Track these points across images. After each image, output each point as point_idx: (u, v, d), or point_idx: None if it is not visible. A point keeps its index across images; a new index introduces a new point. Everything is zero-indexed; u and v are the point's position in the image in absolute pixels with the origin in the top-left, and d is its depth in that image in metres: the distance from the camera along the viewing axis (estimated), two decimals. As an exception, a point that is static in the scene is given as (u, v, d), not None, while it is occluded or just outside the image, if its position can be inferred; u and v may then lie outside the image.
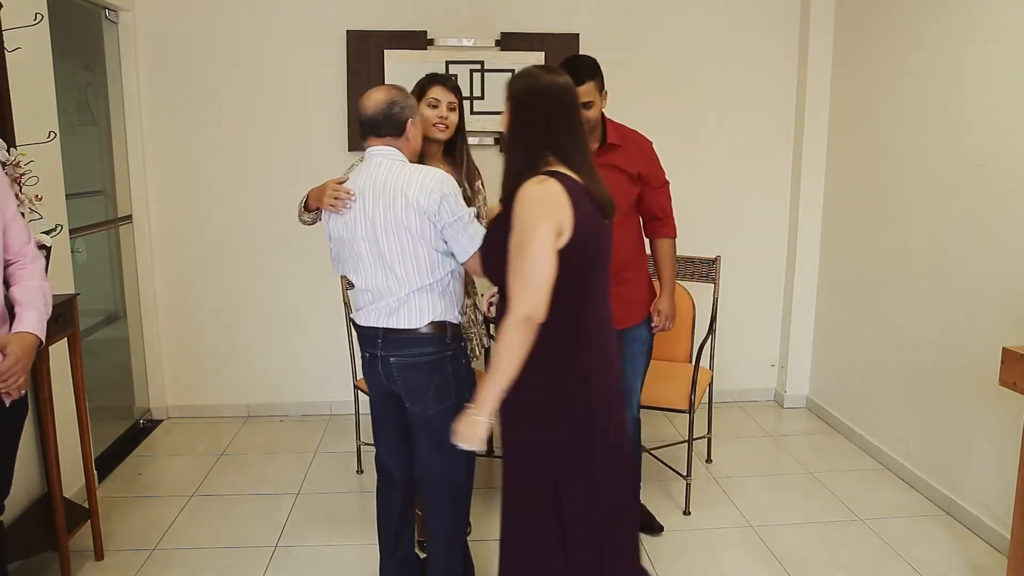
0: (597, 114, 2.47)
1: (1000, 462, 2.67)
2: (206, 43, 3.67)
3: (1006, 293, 2.65)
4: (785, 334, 4.13)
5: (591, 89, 2.40)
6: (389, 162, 2.03)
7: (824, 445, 3.64)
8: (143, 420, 3.85)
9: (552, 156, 1.75)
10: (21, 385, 1.87)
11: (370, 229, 2.01)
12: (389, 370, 2.09)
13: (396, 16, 3.71)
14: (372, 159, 2.06)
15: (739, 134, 3.97)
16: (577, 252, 1.70)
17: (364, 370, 2.22)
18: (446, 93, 2.35)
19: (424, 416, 2.10)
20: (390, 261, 2.01)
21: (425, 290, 2.04)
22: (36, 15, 2.53)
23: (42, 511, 2.53)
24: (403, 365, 2.07)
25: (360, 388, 3.06)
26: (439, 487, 2.17)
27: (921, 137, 3.12)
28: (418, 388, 2.09)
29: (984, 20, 2.77)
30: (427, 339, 2.05)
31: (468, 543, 2.33)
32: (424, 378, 2.07)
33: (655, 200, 2.62)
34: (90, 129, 3.49)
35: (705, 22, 3.86)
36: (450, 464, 2.14)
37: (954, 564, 2.62)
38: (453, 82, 2.41)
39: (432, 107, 2.34)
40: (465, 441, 1.72)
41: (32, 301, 1.89)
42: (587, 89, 2.37)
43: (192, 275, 3.84)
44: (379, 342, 2.08)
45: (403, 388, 2.10)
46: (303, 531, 2.78)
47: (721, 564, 2.62)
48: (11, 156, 2.18)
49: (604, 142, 2.54)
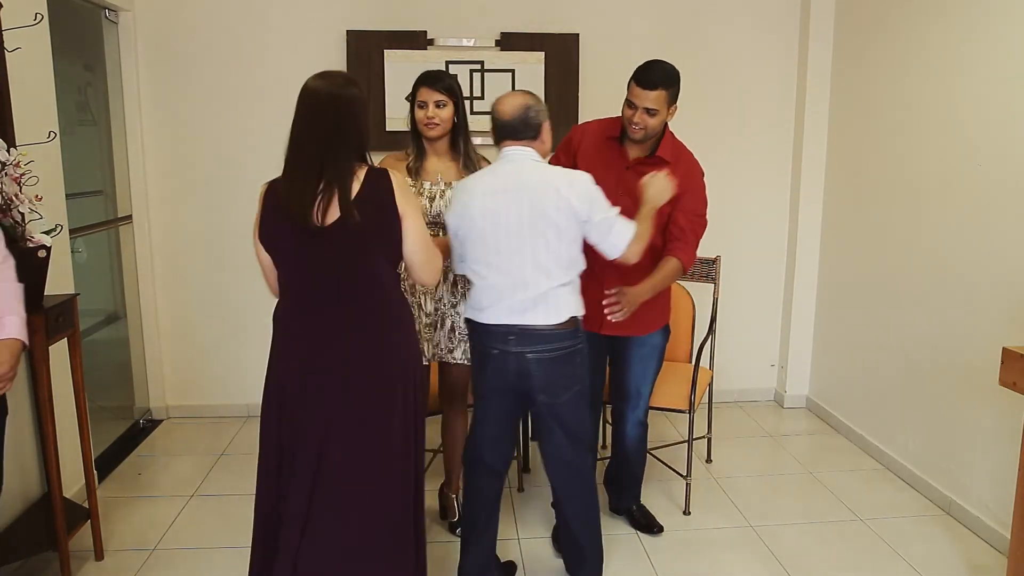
0: (658, 124, 2.41)
1: (1000, 462, 2.67)
2: (206, 43, 3.67)
3: (1006, 293, 2.65)
4: (785, 334, 4.13)
5: (659, 98, 2.35)
6: (532, 162, 2.17)
7: (824, 445, 3.64)
8: (143, 420, 3.85)
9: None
10: (3, 385, 1.93)
11: (515, 224, 2.09)
12: (525, 365, 2.17)
13: (396, 16, 3.71)
14: (512, 158, 2.17)
15: (739, 134, 3.97)
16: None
17: (476, 367, 2.28)
18: (431, 93, 2.38)
19: (555, 406, 2.22)
20: (535, 256, 2.10)
21: (566, 286, 2.16)
22: (36, 15, 2.53)
23: (42, 511, 2.53)
24: (542, 360, 2.17)
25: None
26: (572, 470, 2.31)
27: (921, 138, 3.12)
28: (555, 380, 2.20)
29: (984, 20, 2.77)
30: (565, 334, 2.18)
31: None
32: (561, 371, 2.20)
33: (686, 225, 2.48)
34: (90, 129, 3.49)
35: (705, 22, 3.86)
36: (577, 448, 2.29)
37: (954, 564, 2.62)
38: (445, 81, 2.42)
39: (420, 108, 2.40)
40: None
41: (12, 305, 1.92)
42: (655, 96, 2.34)
43: (192, 275, 3.84)
44: (511, 339, 2.16)
45: (539, 382, 2.19)
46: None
47: (721, 564, 2.62)
48: (11, 156, 2.18)
49: (653, 152, 2.50)
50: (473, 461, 2.35)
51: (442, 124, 2.39)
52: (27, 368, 2.51)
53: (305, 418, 1.89)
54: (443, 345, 2.55)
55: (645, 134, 2.41)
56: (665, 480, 3.19)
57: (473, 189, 2.17)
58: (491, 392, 2.27)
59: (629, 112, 2.41)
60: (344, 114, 1.83)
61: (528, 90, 2.27)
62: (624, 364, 2.68)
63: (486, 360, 2.23)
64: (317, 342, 1.90)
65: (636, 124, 2.39)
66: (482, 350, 2.24)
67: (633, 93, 2.39)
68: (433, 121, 2.37)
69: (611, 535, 2.75)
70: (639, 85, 2.38)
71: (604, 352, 2.69)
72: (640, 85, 2.38)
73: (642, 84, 2.37)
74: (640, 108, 2.37)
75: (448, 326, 2.54)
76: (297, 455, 1.89)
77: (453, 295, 2.53)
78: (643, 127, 2.39)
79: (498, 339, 2.18)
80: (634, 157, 2.51)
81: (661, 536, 2.79)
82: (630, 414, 2.71)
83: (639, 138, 2.43)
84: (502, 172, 2.16)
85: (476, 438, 2.34)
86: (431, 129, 2.39)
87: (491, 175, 2.18)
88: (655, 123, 2.39)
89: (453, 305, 2.53)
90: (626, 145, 2.52)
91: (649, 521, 2.84)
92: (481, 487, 2.35)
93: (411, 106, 2.45)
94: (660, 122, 2.41)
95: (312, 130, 1.83)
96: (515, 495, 3.08)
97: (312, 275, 1.88)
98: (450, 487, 2.81)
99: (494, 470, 2.34)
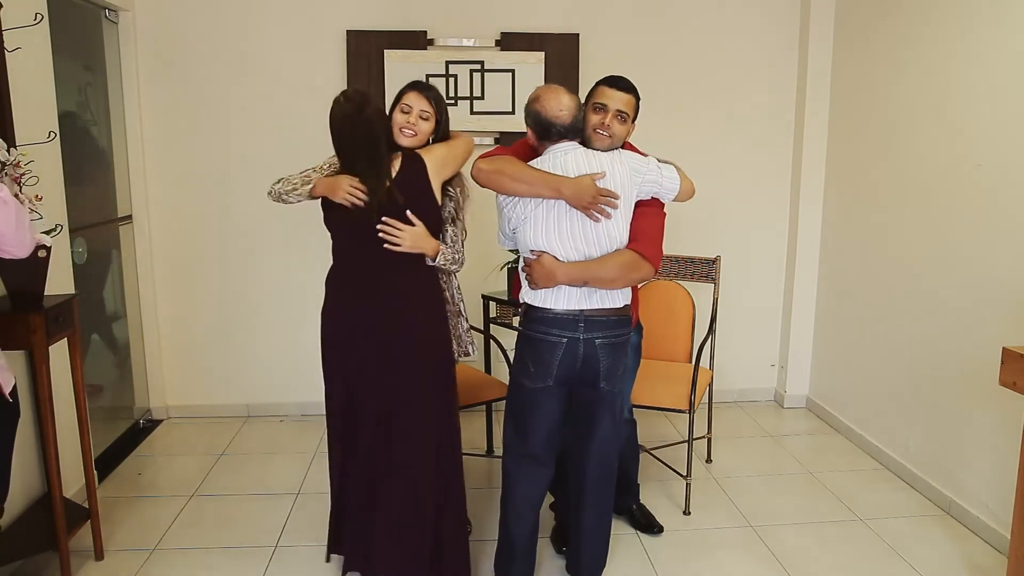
0: (624, 134, 2.27)
1: (1000, 462, 2.67)
2: (206, 43, 3.67)
3: (1006, 293, 2.65)
4: (785, 334, 4.13)
5: (630, 102, 2.25)
6: (584, 152, 2.20)
7: (824, 445, 3.64)
8: (143, 420, 3.85)
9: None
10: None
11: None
12: (593, 352, 2.19)
13: (396, 16, 3.71)
14: (566, 151, 2.19)
15: (739, 134, 3.97)
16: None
17: (541, 357, 2.21)
18: (420, 100, 2.26)
19: (610, 394, 2.26)
20: (598, 239, 2.15)
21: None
22: (36, 15, 2.53)
23: (42, 511, 2.53)
24: (608, 345, 2.21)
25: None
26: (609, 464, 2.35)
27: (921, 138, 3.12)
28: (616, 367, 2.24)
29: (984, 19, 2.77)
30: (627, 320, 2.26)
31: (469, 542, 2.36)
32: (622, 357, 2.27)
33: (640, 222, 2.25)
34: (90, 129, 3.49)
35: (705, 22, 3.87)
36: (618, 440, 2.38)
37: (954, 564, 2.62)
38: (434, 93, 2.30)
39: (403, 112, 2.25)
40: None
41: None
42: (627, 99, 2.24)
43: (192, 275, 3.84)
44: (581, 325, 2.17)
45: (604, 368, 2.21)
46: (303, 531, 2.78)
47: (721, 564, 2.62)
48: (11, 156, 2.18)
49: None
50: (518, 459, 2.32)
51: (419, 136, 2.26)
52: (27, 368, 2.52)
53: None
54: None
55: (611, 143, 2.23)
56: (665, 480, 3.19)
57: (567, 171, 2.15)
58: (541, 377, 2.21)
59: (597, 118, 2.23)
60: (367, 132, 2.17)
61: (559, 85, 2.24)
62: None
63: (546, 348, 2.19)
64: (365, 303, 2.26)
65: (603, 131, 2.22)
66: (547, 338, 2.19)
67: (604, 95, 2.25)
68: (412, 128, 2.25)
69: (612, 535, 2.75)
70: (611, 87, 2.25)
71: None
72: (613, 87, 2.25)
73: (615, 86, 2.25)
74: (612, 110, 2.22)
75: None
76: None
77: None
78: (610, 134, 2.22)
79: (567, 326, 2.17)
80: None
81: (661, 536, 2.79)
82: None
83: (602, 146, 2.23)
84: (558, 163, 2.16)
85: (527, 429, 2.28)
86: (407, 136, 2.25)
87: (549, 166, 2.16)
88: (622, 131, 2.25)
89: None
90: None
91: (649, 521, 2.84)
92: (529, 473, 2.32)
93: (391, 109, 2.32)
94: (626, 132, 2.27)
95: (348, 154, 2.22)
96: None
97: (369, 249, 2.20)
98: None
99: (541, 460, 2.32)
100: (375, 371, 2.22)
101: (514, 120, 3.65)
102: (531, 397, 2.26)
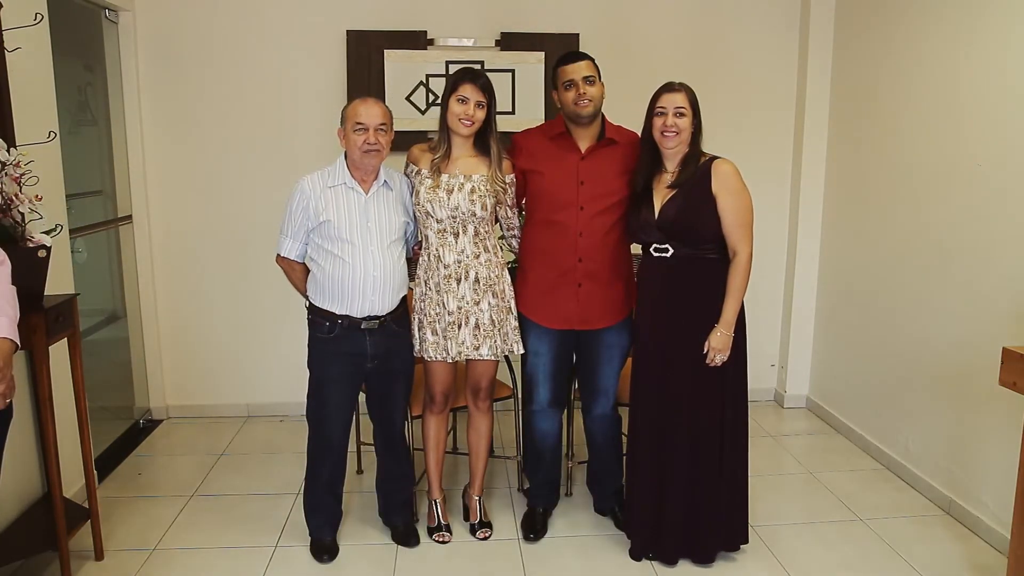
0: (600, 93, 2.51)
1: (1000, 462, 2.67)
2: (206, 43, 3.67)
3: (1006, 293, 2.65)
4: (785, 334, 4.13)
5: (590, 66, 2.49)
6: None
7: (824, 445, 3.64)
8: (143, 420, 3.85)
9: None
10: (4, 393, 1.83)
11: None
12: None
13: (396, 16, 3.71)
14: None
15: (739, 134, 3.96)
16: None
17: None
18: (476, 92, 2.42)
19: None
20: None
21: None
22: (36, 15, 2.53)
23: (42, 511, 2.53)
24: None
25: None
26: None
27: (921, 137, 3.12)
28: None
29: (984, 18, 2.77)
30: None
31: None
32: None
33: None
34: (90, 129, 3.49)
35: (705, 22, 3.87)
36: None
37: (954, 564, 2.62)
38: (485, 80, 2.46)
39: (461, 103, 2.41)
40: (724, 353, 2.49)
41: (1, 306, 1.87)
42: (586, 64, 2.48)
43: (192, 275, 3.84)
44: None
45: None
46: (303, 531, 2.77)
47: (721, 564, 2.62)
48: (11, 156, 2.18)
49: (602, 136, 2.56)
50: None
51: (476, 124, 2.44)
52: (27, 368, 2.52)
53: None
54: (468, 343, 2.54)
55: (593, 106, 2.47)
56: (665, 480, 3.19)
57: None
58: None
59: (569, 94, 2.48)
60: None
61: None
62: (589, 359, 2.70)
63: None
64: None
65: (581, 100, 2.46)
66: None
67: (565, 73, 2.49)
68: (471, 118, 2.42)
69: (605, 535, 2.76)
70: (568, 63, 2.50)
71: (571, 349, 2.71)
72: (568, 62, 2.50)
73: (570, 60, 2.51)
74: (579, 79, 2.46)
75: (472, 323, 2.54)
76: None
77: (476, 292, 2.53)
78: (589, 98, 2.46)
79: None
80: (586, 147, 2.56)
81: (661, 536, 2.79)
82: (596, 407, 2.74)
83: (588, 112, 2.47)
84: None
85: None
86: (467, 126, 2.43)
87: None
88: (596, 92, 2.48)
89: (476, 303, 2.53)
90: (575, 137, 2.56)
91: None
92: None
93: (445, 100, 2.46)
94: (600, 91, 2.50)
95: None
96: (515, 495, 3.08)
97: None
98: (474, 488, 2.82)
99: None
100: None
101: (514, 120, 3.65)
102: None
